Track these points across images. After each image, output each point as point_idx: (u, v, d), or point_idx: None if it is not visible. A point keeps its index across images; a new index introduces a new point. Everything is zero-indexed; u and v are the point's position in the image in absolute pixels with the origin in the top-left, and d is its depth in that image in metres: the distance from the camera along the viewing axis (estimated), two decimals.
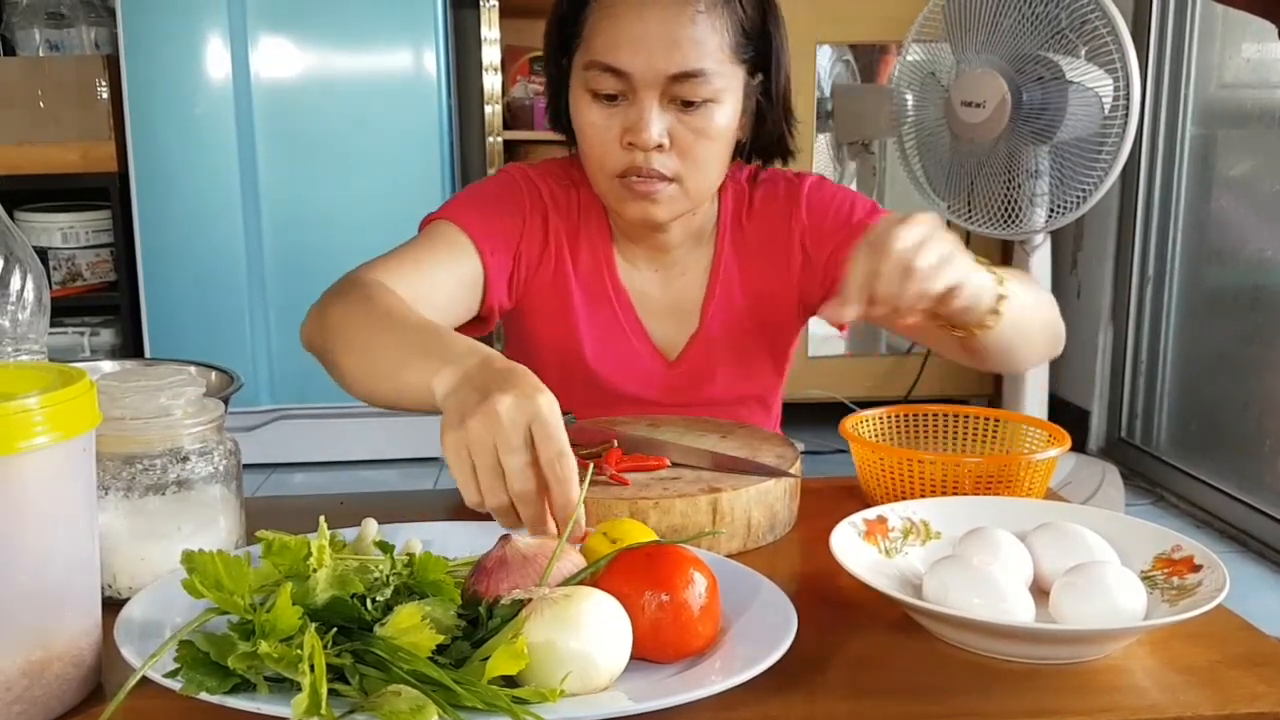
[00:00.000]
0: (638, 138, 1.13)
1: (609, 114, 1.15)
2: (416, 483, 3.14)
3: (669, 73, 1.11)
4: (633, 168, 1.15)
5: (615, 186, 1.17)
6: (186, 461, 0.84)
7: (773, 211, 1.28)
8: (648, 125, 1.12)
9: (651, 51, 1.11)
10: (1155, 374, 3.24)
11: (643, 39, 1.11)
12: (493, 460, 0.79)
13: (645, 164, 1.14)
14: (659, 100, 1.13)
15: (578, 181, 1.27)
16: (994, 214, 2.55)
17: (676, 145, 1.14)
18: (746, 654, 0.71)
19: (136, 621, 0.73)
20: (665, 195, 1.16)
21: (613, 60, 1.12)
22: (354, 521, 0.85)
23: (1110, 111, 2.34)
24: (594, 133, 1.16)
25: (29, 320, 0.94)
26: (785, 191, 1.28)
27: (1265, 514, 2.72)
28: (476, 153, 3.64)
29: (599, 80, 1.13)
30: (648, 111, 1.12)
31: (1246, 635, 0.81)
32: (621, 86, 1.13)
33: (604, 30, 1.13)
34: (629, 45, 1.11)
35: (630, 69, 1.11)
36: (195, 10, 3.02)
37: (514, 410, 0.79)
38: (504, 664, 0.65)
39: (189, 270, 3.15)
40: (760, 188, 1.29)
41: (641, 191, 1.16)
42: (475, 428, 0.79)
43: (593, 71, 1.13)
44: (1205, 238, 3.07)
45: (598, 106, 1.15)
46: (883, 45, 3.51)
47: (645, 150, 1.13)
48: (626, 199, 1.17)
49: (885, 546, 0.89)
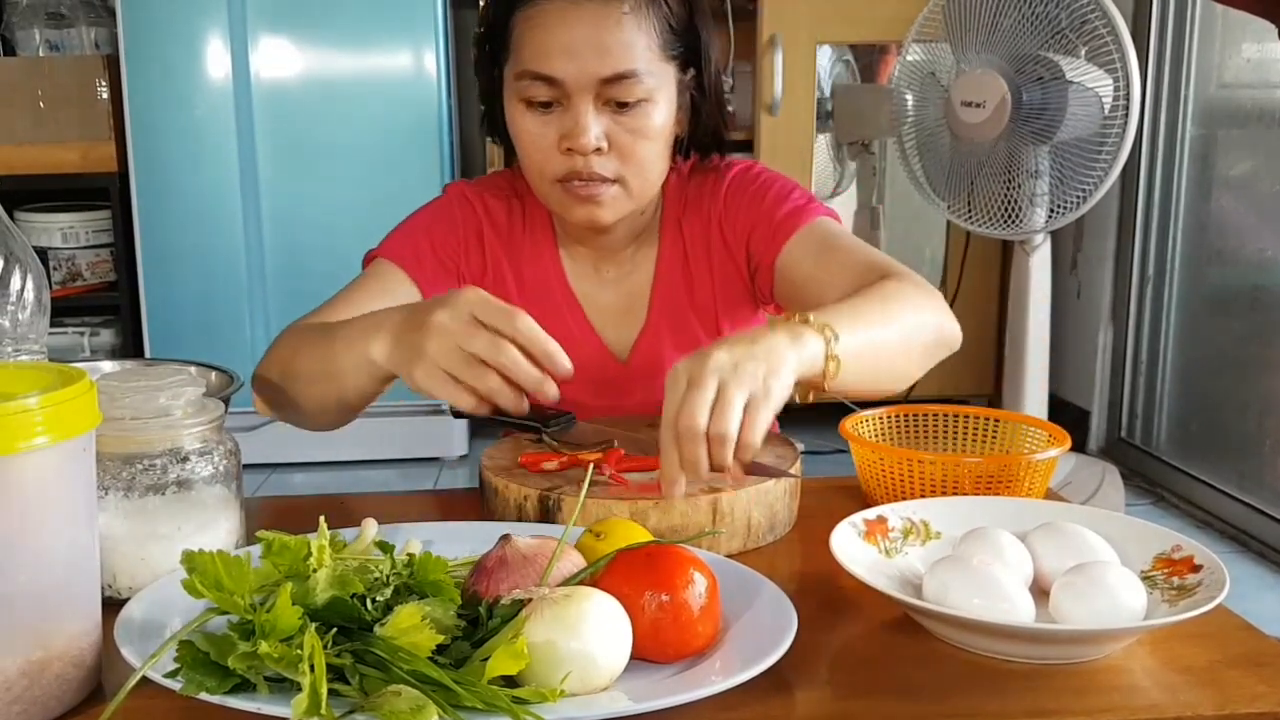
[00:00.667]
0: (575, 143, 1.13)
1: (544, 121, 1.14)
2: (416, 483, 3.14)
3: (601, 75, 1.11)
4: (573, 173, 1.15)
5: (557, 192, 1.17)
6: (186, 462, 0.84)
7: (702, 202, 1.27)
8: (585, 130, 1.12)
9: (581, 57, 1.11)
10: (1155, 374, 3.24)
11: (571, 45, 1.11)
12: (462, 357, 0.88)
13: (585, 168, 1.14)
14: (594, 104, 1.13)
15: (521, 192, 1.27)
16: (994, 214, 2.55)
17: (615, 147, 1.14)
18: (746, 654, 0.71)
19: (136, 622, 0.73)
20: (608, 197, 1.16)
21: (544, 68, 1.12)
22: (354, 522, 0.85)
23: (1110, 111, 2.34)
24: (530, 140, 1.16)
25: (29, 320, 0.94)
26: (712, 181, 1.28)
27: (1265, 514, 2.72)
28: (476, 153, 3.64)
29: (532, 89, 1.13)
30: (584, 116, 1.12)
31: (1247, 635, 0.81)
32: (555, 94, 1.13)
33: (532, 40, 1.13)
34: (559, 53, 1.11)
35: (562, 76, 1.12)
36: (195, 10, 3.02)
37: (451, 312, 0.89)
38: (504, 664, 0.65)
39: (189, 270, 3.15)
40: (692, 181, 1.29)
41: (584, 195, 1.16)
42: (432, 347, 0.88)
43: (524, 81, 1.13)
44: (1205, 238, 3.07)
45: (532, 115, 1.15)
46: (883, 45, 3.51)
47: (584, 155, 1.13)
48: (570, 204, 1.17)
49: (885, 546, 0.89)
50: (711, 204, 1.26)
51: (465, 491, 1.15)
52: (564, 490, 0.95)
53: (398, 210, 1.37)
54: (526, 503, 0.96)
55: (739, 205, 1.25)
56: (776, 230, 1.21)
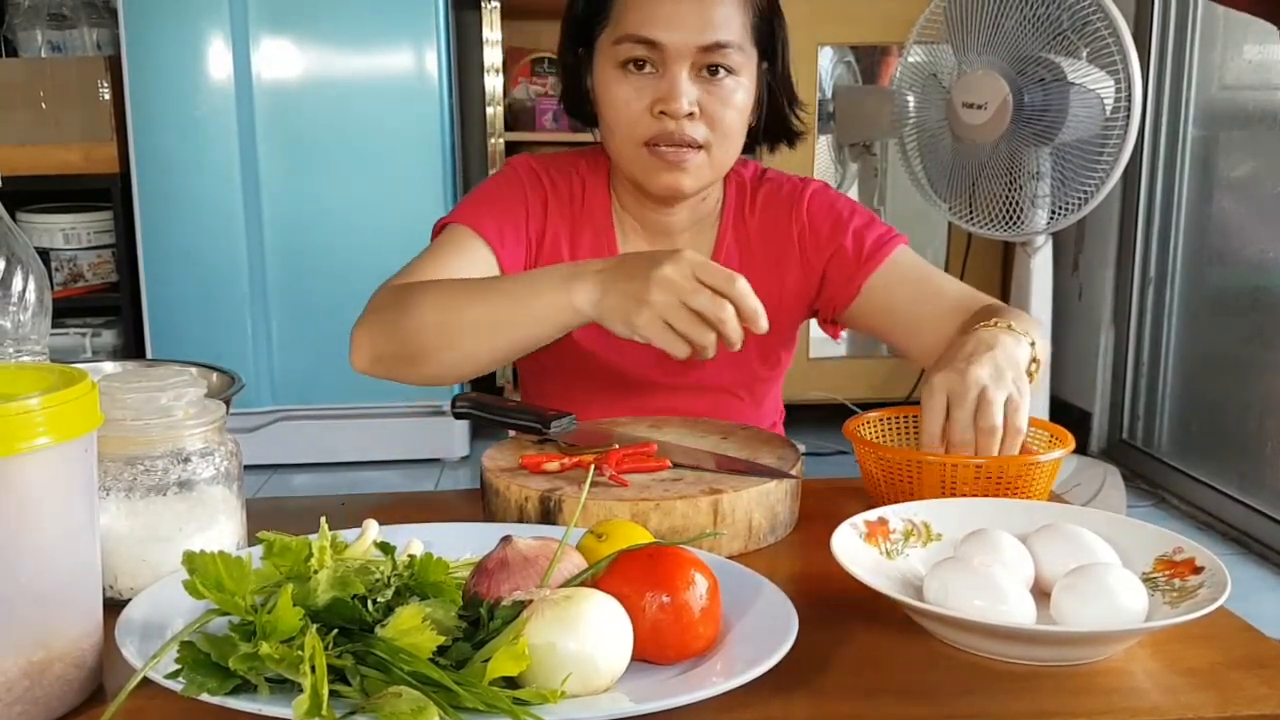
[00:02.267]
0: (669, 106, 1.18)
1: (638, 86, 1.20)
2: (418, 484, 3.14)
3: (700, 43, 1.17)
4: (664, 134, 1.20)
5: (644, 156, 1.22)
6: (188, 462, 0.84)
7: (775, 210, 1.32)
8: (680, 94, 1.18)
9: (685, 24, 1.17)
10: (1157, 375, 3.24)
11: (675, 13, 1.17)
12: (686, 313, 0.96)
13: (677, 131, 1.19)
14: (688, 71, 1.18)
15: (584, 172, 1.32)
16: (995, 216, 2.55)
17: (705, 113, 1.20)
18: (747, 655, 0.71)
19: (138, 622, 0.73)
20: (694, 164, 1.21)
21: (648, 33, 1.18)
22: (355, 522, 0.85)
23: (1112, 113, 2.34)
24: (624, 103, 1.21)
25: (31, 321, 0.94)
26: (789, 192, 1.33)
27: (1267, 516, 2.72)
28: (478, 154, 3.65)
29: (632, 51, 1.19)
30: (680, 81, 1.18)
31: (1248, 637, 0.81)
32: (653, 56, 1.19)
33: (637, 4, 1.19)
34: (664, 19, 1.17)
35: (665, 40, 1.17)
36: (197, 11, 3.02)
37: (677, 268, 0.97)
38: (505, 665, 0.65)
39: (190, 271, 3.15)
40: (765, 185, 1.34)
41: (672, 160, 1.21)
42: (658, 297, 0.97)
43: (625, 45, 1.19)
44: (1206, 239, 3.07)
45: (627, 80, 1.20)
46: (884, 47, 3.51)
47: (677, 118, 1.19)
48: (656, 168, 1.22)
49: (886, 548, 0.89)
50: (790, 215, 1.32)
51: (466, 492, 1.15)
52: (565, 491, 0.95)
53: (398, 210, 1.38)
54: (527, 504, 0.96)
55: (823, 224, 1.31)
56: (868, 257, 1.28)
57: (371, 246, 3.09)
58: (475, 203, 1.29)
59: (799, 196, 1.32)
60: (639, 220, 1.31)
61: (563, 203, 1.30)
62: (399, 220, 3.09)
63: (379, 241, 3.08)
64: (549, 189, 1.30)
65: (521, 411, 1.08)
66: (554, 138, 3.37)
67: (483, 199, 1.29)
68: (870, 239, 1.29)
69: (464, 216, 1.26)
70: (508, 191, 1.29)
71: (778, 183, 1.34)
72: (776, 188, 1.34)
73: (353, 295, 3.81)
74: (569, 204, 1.31)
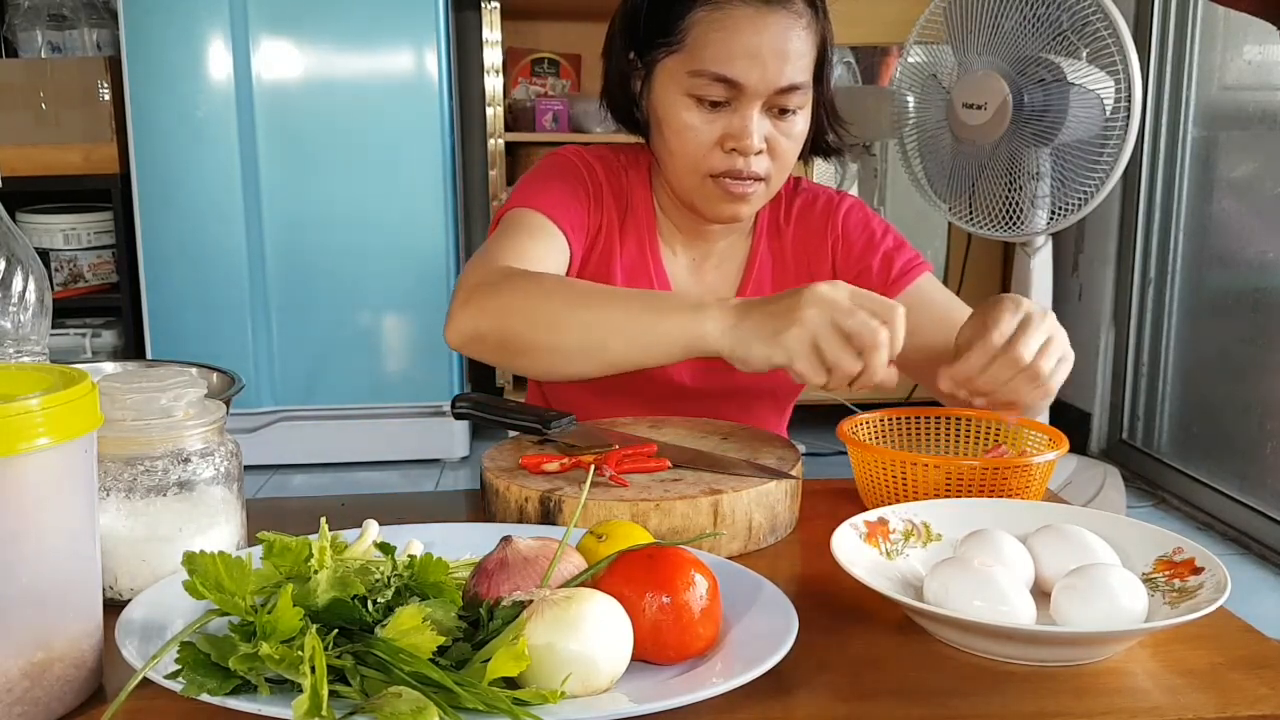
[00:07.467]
0: (741, 144, 1.18)
1: (710, 119, 1.19)
2: (418, 484, 3.14)
3: (779, 85, 1.17)
4: (732, 170, 1.20)
5: (707, 186, 1.22)
6: (188, 463, 0.84)
7: (810, 221, 1.34)
8: (752, 133, 1.18)
9: (765, 65, 1.16)
10: (1156, 376, 3.24)
11: (758, 52, 1.16)
12: (838, 336, 0.94)
13: (746, 167, 1.20)
14: (759, 108, 1.18)
15: (627, 166, 1.32)
16: (995, 216, 2.55)
17: (770, 148, 1.21)
18: (747, 656, 0.71)
19: (138, 623, 0.73)
20: (756, 195, 1.23)
21: (727, 71, 1.16)
22: (355, 523, 0.85)
23: (1112, 113, 2.34)
24: (693, 135, 1.20)
25: (31, 321, 0.94)
26: (824, 205, 1.35)
27: (1267, 516, 2.72)
28: (477, 154, 3.65)
29: (709, 89, 1.18)
30: (753, 120, 1.18)
31: (1248, 638, 0.81)
32: (730, 94, 1.17)
33: (716, 40, 1.17)
34: (744, 57, 1.16)
35: (745, 80, 1.16)
36: (197, 12, 3.03)
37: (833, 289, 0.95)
38: (505, 666, 0.65)
39: (191, 271, 3.15)
40: (800, 196, 1.36)
41: (738, 193, 1.21)
42: (812, 313, 0.94)
43: (702, 80, 1.17)
44: (1206, 240, 3.07)
45: (700, 111, 1.19)
46: (884, 47, 3.51)
47: (747, 155, 1.19)
48: (719, 198, 1.22)
49: (886, 548, 0.89)
50: (825, 225, 1.33)
51: (466, 493, 1.15)
52: (565, 492, 0.95)
53: (398, 211, 1.38)
54: (527, 504, 0.96)
55: (857, 240, 1.33)
56: (894, 280, 1.29)
57: (371, 247, 3.09)
58: (541, 189, 1.26)
59: (835, 209, 1.34)
60: (677, 224, 1.33)
61: (613, 197, 1.31)
62: (399, 220, 3.09)
63: (379, 242, 3.09)
64: (603, 181, 1.30)
65: (521, 412, 1.08)
66: (554, 138, 3.37)
67: (547, 185, 1.27)
68: (898, 263, 1.30)
69: (533, 202, 1.23)
70: (572, 179, 1.28)
71: (813, 193, 1.36)
72: (812, 198, 1.35)
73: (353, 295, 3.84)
74: (616, 199, 1.31)
